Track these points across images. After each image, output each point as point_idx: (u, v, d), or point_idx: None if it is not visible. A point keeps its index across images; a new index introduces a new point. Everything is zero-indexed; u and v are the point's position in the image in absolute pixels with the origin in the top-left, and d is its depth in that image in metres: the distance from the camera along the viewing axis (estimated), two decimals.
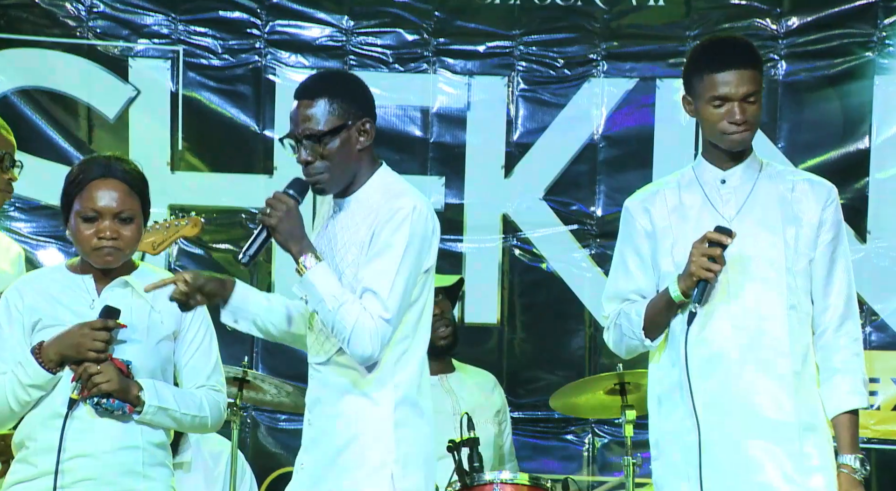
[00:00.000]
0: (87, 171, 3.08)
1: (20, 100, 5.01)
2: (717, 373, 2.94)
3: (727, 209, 3.00)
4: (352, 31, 5.09)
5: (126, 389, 2.99)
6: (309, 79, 3.01)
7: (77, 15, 5.02)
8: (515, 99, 5.10)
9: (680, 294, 2.94)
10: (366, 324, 2.82)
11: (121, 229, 3.04)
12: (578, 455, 5.04)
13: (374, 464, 2.87)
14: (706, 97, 2.98)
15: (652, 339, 3.00)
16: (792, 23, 5.06)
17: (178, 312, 3.06)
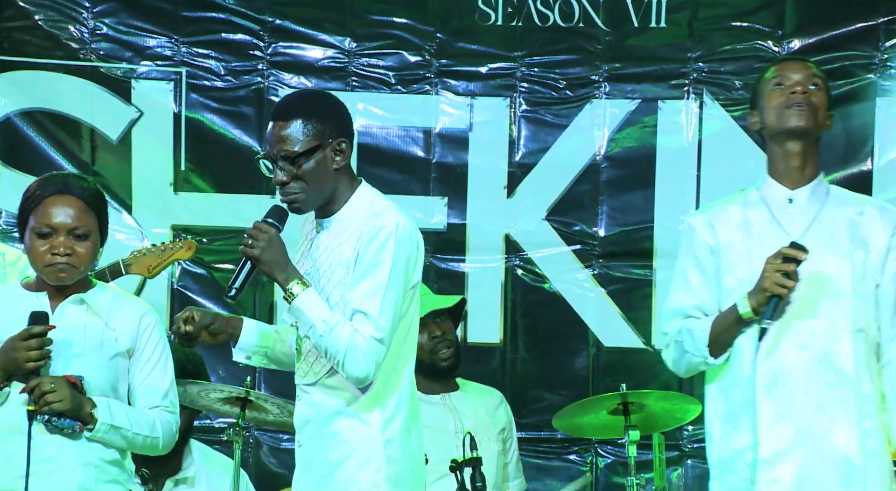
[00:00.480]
0: (43, 188, 3.07)
1: (23, 121, 5.03)
2: (782, 393, 2.91)
3: (794, 228, 2.97)
4: (354, 53, 5.11)
5: (78, 406, 2.97)
6: (284, 99, 3.03)
7: (80, 37, 5.05)
8: (518, 120, 5.12)
9: (750, 311, 2.91)
10: (359, 345, 2.82)
11: (75, 246, 3.02)
12: (581, 475, 5.02)
13: (365, 484, 2.87)
14: (769, 85, 2.99)
15: (716, 356, 2.96)
16: (794, 45, 5.08)
17: (134, 330, 3.06)
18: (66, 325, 3.04)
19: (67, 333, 3.03)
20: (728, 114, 5.10)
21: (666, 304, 3.07)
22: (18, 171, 4.99)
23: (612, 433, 4.32)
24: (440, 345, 4.33)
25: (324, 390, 2.90)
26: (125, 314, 3.09)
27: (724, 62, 5.10)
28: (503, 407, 4.52)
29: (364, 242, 2.87)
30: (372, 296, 2.84)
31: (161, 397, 3.09)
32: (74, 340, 3.03)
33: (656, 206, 5.07)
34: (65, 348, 3.02)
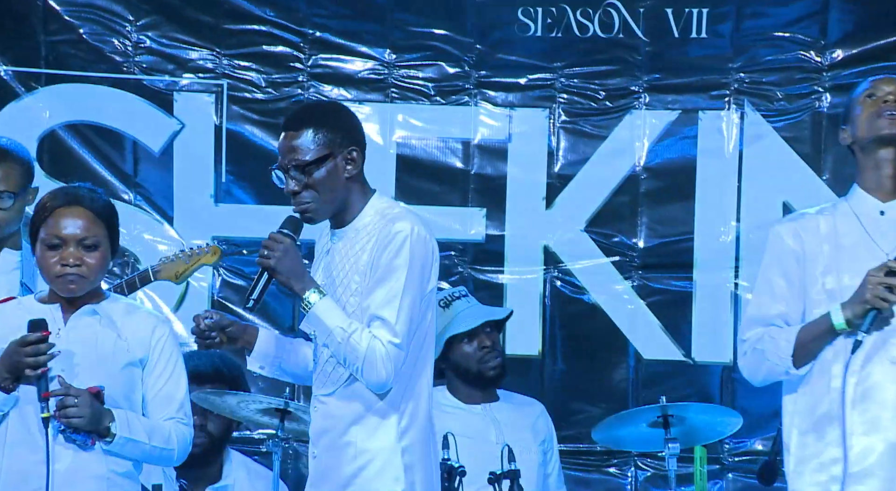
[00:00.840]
0: (53, 200, 3.09)
1: (68, 134, 5.08)
2: (872, 407, 2.88)
3: (886, 242, 2.94)
4: (393, 64, 5.12)
5: (97, 421, 2.97)
6: (296, 110, 3.07)
7: (123, 50, 5.10)
8: (557, 131, 5.11)
9: (844, 322, 2.87)
10: (377, 351, 2.82)
11: (85, 257, 3.02)
12: (621, 488, 5.00)
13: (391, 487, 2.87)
14: (860, 99, 2.99)
15: (799, 367, 2.91)
16: (836, 55, 5.04)
17: (147, 341, 3.06)
18: (79, 336, 3.05)
19: (80, 344, 3.03)
20: (770, 125, 5.06)
21: (747, 310, 3.02)
22: (63, 182, 5.04)
23: (652, 446, 4.29)
24: (490, 355, 4.35)
25: (341, 400, 2.90)
26: (138, 325, 3.09)
27: (766, 73, 5.07)
28: (543, 418, 4.51)
29: (379, 248, 2.87)
30: (389, 301, 2.85)
31: (176, 409, 3.09)
32: (87, 351, 3.04)
33: (697, 218, 5.04)
34: (77, 359, 3.02)
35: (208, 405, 3.98)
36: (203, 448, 4.12)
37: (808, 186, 4.98)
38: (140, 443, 3.01)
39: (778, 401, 3.39)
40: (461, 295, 4.44)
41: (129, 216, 5.03)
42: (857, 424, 2.87)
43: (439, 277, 5.02)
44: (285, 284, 2.88)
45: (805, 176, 5.01)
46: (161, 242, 4.98)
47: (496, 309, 4.50)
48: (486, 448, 4.16)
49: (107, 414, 2.99)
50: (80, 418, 2.95)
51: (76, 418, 2.96)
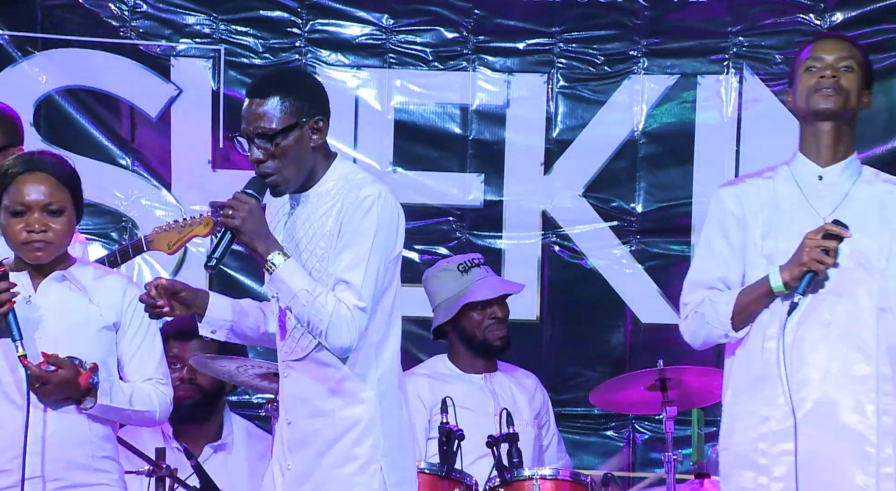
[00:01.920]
0: (14, 166, 3.06)
1: (64, 99, 5.07)
2: (802, 368, 2.91)
3: (822, 206, 2.96)
4: (391, 30, 5.10)
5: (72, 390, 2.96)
6: (261, 76, 3.02)
7: (120, 15, 5.08)
8: (555, 96, 5.10)
9: (782, 284, 2.89)
10: (342, 315, 2.80)
11: (50, 222, 3.01)
12: (619, 451, 5.03)
13: (363, 460, 2.86)
14: (803, 66, 2.99)
15: (737, 330, 2.94)
16: (836, 18, 5.02)
17: (119, 304, 3.06)
18: (50, 302, 3.05)
19: (52, 311, 3.03)
20: (768, 89, 5.05)
21: (688, 274, 3.05)
22: (60, 148, 5.04)
23: (650, 409, 4.31)
24: (498, 324, 4.37)
25: (313, 366, 2.88)
26: (108, 289, 3.09)
27: (764, 36, 5.06)
28: (540, 391, 4.53)
29: (347, 213, 2.84)
30: (355, 265, 2.82)
31: (154, 369, 3.10)
32: (60, 317, 3.04)
33: (695, 183, 5.04)
34: (50, 325, 3.03)
35: (206, 370, 4.00)
36: (194, 401, 4.16)
37: None
38: (121, 409, 3.03)
39: None
40: (479, 262, 4.46)
41: (126, 181, 5.03)
42: (788, 385, 2.89)
43: (437, 242, 5.12)
44: (248, 245, 2.83)
45: None
46: (159, 208, 4.98)
47: (513, 283, 4.51)
48: (484, 419, 4.18)
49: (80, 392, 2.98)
50: (47, 393, 2.96)
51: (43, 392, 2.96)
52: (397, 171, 5.07)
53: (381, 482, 2.85)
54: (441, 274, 4.46)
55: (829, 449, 2.90)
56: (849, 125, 3.03)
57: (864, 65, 3.02)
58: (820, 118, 2.99)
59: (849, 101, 2.98)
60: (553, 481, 3.86)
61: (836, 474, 2.89)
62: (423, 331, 4.85)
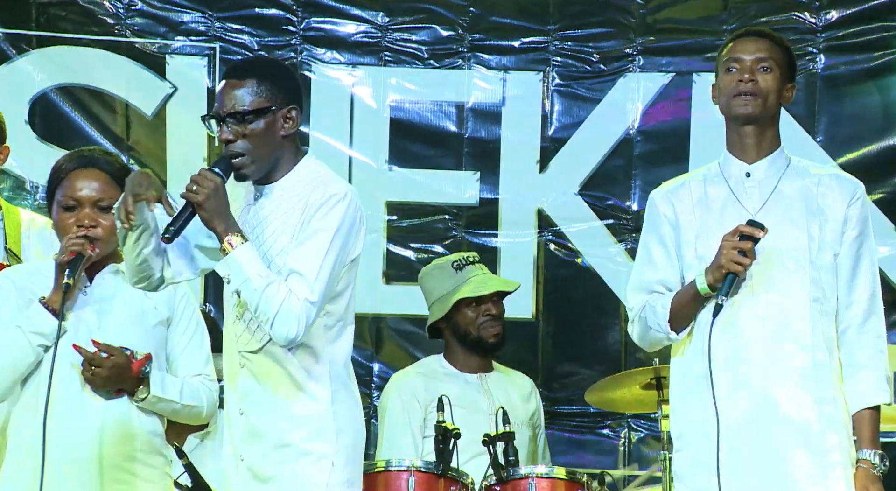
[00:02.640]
0: (68, 162, 3.12)
1: (59, 97, 5.07)
2: (740, 365, 2.94)
3: (751, 203, 2.99)
4: (387, 27, 5.10)
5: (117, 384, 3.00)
6: (240, 61, 3.01)
7: (115, 13, 5.07)
8: (551, 94, 5.10)
9: (707, 287, 2.93)
10: (292, 305, 2.78)
11: (100, 218, 3.05)
12: (614, 449, 5.03)
13: (316, 456, 2.87)
14: (723, 67, 3.01)
15: (677, 332, 2.99)
16: (831, 16, 5.03)
17: (171, 299, 3.09)
18: (106, 294, 3.09)
19: (107, 303, 3.07)
20: None
21: (630, 279, 3.09)
22: (54, 145, 5.04)
23: (645, 407, 4.32)
24: (493, 322, 4.37)
25: (269, 358, 2.87)
26: None
27: None
28: (534, 394, 4.53)
29: (311, 210, 2.84)
30: (311, 258, 2.81)
31: (203, 365, 3.14)
32: (115, 309, 3.08)
33: None
34: (106, 317, 3.06)
35: None
36: None
37: (802, 148, 4.97)
38: (172, 402, 3.05)
39: None
40: (474, 260, 4.45)
41: None
42: (727, 383, 2.91)
43: (433, 241, 5.12)
44: (208, 223, 2.80)
45: (799, 138, 5.00)
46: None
47: (508, 281, 4.51)
48: (479, 418, 4.18)
49: (132, 380, 3.02)
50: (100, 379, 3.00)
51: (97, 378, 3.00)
52: (393, 169, 5.07)
53: (332, 478, 2.86)
54: (435, 271, 4.46)
55: (776, 441, 2.91)
56: (772, 122, 3.05)
57: (785, 61, 3.03)
58: (740, 122, 3.02)
59: (767, 103, 3.00)
60: (549, 480, 3.85)
61: (785, 466, 2.90)
62: (419, 329, 4.85)
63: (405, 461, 3.84)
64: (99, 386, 3.02)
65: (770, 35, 3.05)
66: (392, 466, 3.78)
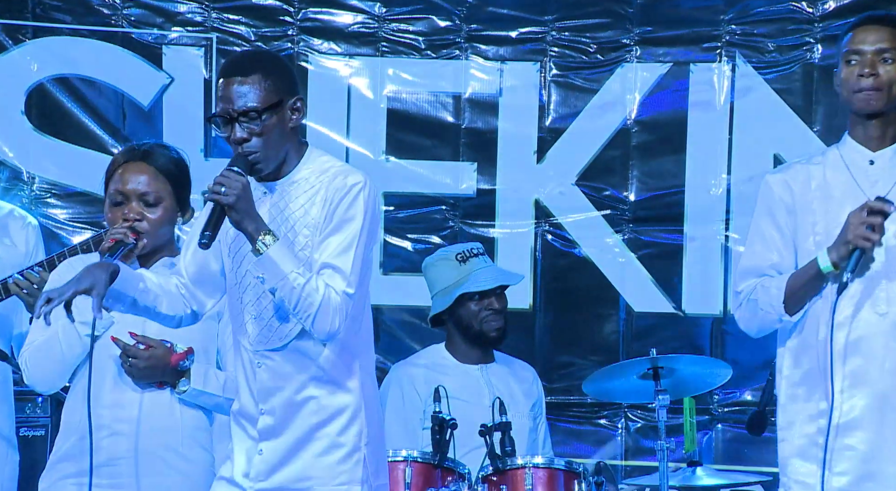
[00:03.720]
0: (121, 155, 3.16)
1: (56, 87, 5.06)
2: (858, 360, 2.90)
3: (875, 191, 2.93)
4: (384, 18, 5.09)
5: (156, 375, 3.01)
6: (239, 57, 3.00)
7: (111, 3, 5.06)
8: (548, 84, 5.09)
9: (830, 264, 2.86)
10: (332, 299, 2.78)
11: (146, 212, 3.07)
12: (611, 440, 5.04)
13: (348, 449, 2.87)
14: (843, 57, 2.95)
15: (791, 314, 2.92)
16: (828, 6, 5.02)
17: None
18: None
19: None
20: (761, 77, 5.05)
21: (740, 262, 3.02)
22: (50, 136, 5.03)
23: (642, 398, 4.31)
24: (495, 316, 4.35)
25: (295, 354, 2.86)
26: None
27: (757, 24, 5.05)
28: (537, 383, 4.51)
29: (333, 200, 2.83)
30: (344, 251, 2.81)
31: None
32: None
33: (687, 171, 5.05)
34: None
35: None
36: None
37: (800, 138, 4.98)
38: (214, 395, 3.06)
39: (767, 352, 3.41)
40: (478, 252, 4.42)
41: None
42: (844, 377, 2.88)
43: (430, 231, 5.11)
44: (238, 224, 2.77)
45: (796, 128, 5.00)
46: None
47: (511, 274, 4.49)
48: (479, 410, 4.17)
49: (172, 372, 3.03)
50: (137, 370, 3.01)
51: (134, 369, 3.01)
52: (390, 160, 5.07)
53: (363, 470, 2.86)
54: (439, 263, 4.45)
55: (888, 444, 2.88)
56: (894, 112, 2.99)
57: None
58: (863, 116, 2.98)
59: (891, 95, 2.94)
60: (546, 470, 3.85)
61: (889, 466, 2.86)
62: (416, 320, 4.85)
63: (402, 452, 3.84)
64: (137, 377, 3.02)
65: (892, 22, 2.97)
66: (389, 457, 3.78)
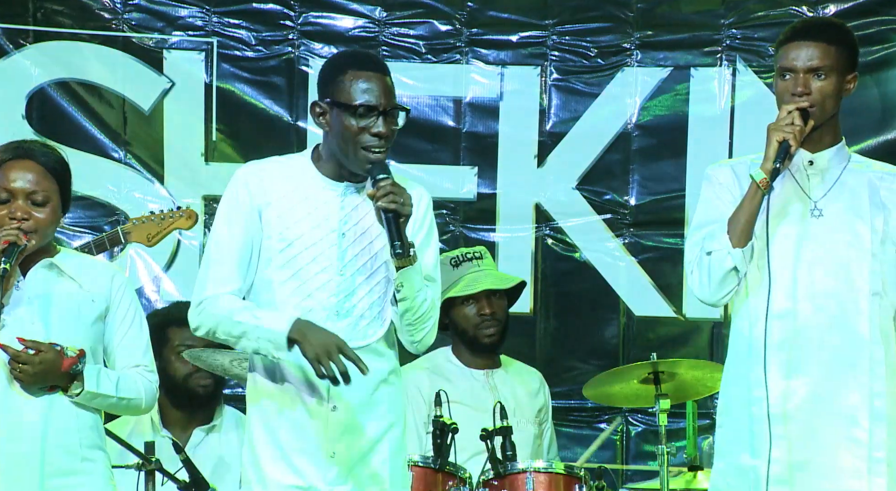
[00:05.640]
0: (3, 153, 3.06)
1: (56, 92, 5.06)
2: (794, 351, 2.92)
3: (814, 190, 2.97)
4: (384, 22, 5.10)
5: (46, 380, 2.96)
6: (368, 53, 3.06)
7: (112, 7, 5.07)
8: (548, 88, 5.10)
9: (761, 171, 2.87)
10: (436, 310, 2.92)
11: (34, 211, 3.00)
12: (612, 444, 5.03)
13: (407, 451, 2.97)
14: (777, 71, 2.98)
15: (738, 244, 2.89)
16: (829, 10, 5.03)
17: (107, 290, 3.05)
18: (40, 289, 3.03)
19: (42, 298, 3.02)
20: (761, 81, 5.05)
21: (687, 236, 3.05)
22: (52, 140, 5.03)
23: (643, 402, 4.31)
24: (487, 322, 4.32)
25: (372, 355, 2.91)
26: (96, 276, 3.08)
27: (757, 28, 5.06)
28: (543, 389, 4.50)
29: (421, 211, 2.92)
30: (436, 265, 2.94)
31: (141, 356, 3.08)
32: (51, 305, 3.02)
33: (688, 175, 5.05)
34: (42, 313, 3.01)
35: (200, 364, 3.99)
36: (208, 390, 4.15)
37: None
38: (108, 396, 3.02)
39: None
40: (475, 256, 4.40)
41: (118, 174, 5.02)
42: (780, 367, 2.91)
43: None
44: (403, 230, 2.84)
45: None
46: (152, 201, 4.97)
47: (503, 277, 4.45)
48: (485, 416, 4.15)
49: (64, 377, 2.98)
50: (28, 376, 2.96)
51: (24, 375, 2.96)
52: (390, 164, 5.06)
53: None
54: None
55: (823, 432, 2.91)
56: (831, 119, 3.03)
57: (841, 59, 2.98)
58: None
59: (825, 109, 2.97)
60: (547, 474, 3.85)
61: (828, 458, 2.90)
62: None
63: None
64: (28, 383, 2.96)
65: (822, 34, 2.97)
66: None
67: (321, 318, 2.90)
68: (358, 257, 2.92)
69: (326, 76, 3.00)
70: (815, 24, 3.05)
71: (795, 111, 2.89)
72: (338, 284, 2.90)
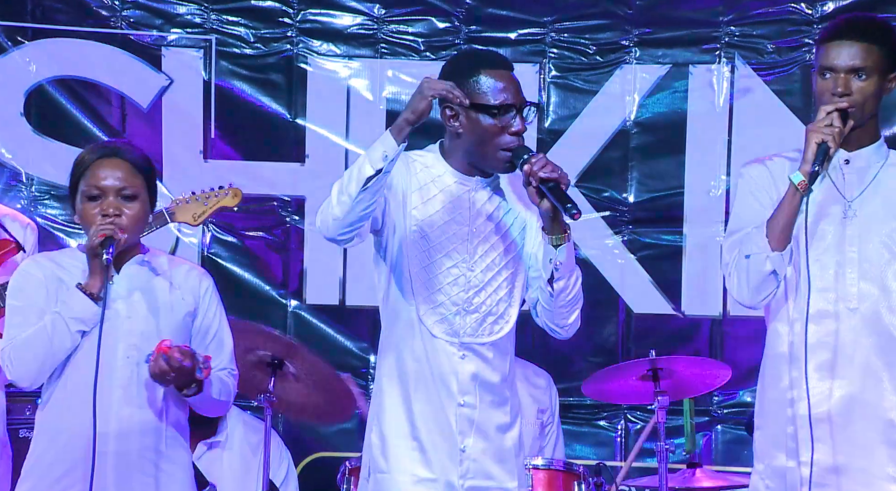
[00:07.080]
0: (91, 153, 3.11)
1: (55, 89, 5.06)
2: (829, 353, 2.91)
3: (849, 190, 2.96)
4: (383, 20, 5.10)
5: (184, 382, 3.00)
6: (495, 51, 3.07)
7: (110, 5, 5.06)
8: (547, 86, 5.10)
9: (800, 174, 2.86)
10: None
11: (124, 207, 3.04)
12: (611, 441, 5.04)
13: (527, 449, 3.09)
14: (818, 70, 2.96)
15: (778, 248, 2.88)
16: (827, 7, 5.03)
17: (196, 291, 3.09)
18: (134, 285, 3.06)
19: (138, 293, 3.05)
20: (760, 78, 5.05)
21: (724, 242, 3.02)
22: (50, 138, 5.03)
23: (642, 399, 4.32)
24: None
25: (498, 352, 2.94)
26: (185, 275, 3.12)
27: (756, 26, 5.06)
28: (549, 390, 4.49)
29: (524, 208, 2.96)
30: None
31: (228, 359, 3.12)
32: (146, 300, 3.05)
33: (686, 172, 5.05)
34: (137, 307, 3.04)
35: None
36: None
37: (799, 139, 4.95)
38: (208, 398, 3.06)
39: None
40: None
41: None
42: (815, 370, 2.90)
43: None
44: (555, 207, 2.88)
45: (795, 129, 5.00)
46: None
47: None
48: None
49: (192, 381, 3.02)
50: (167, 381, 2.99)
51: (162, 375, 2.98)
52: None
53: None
54: None
55: (861, 435, 2.90)
56: (871, 119, 3.00)
57: (883, 59, 2.94)
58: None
59: (865, 109, 2.95)
60: (546, 471, 3.86)
61: (867, 461, 2.89)
62: None
63: None
64: (159, 381, 2.99)
65: (867, 33, 2.94)
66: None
67: (450, 313, 2.91)
68: (487, 254, 2.94)
69: (456, 79, 2.99)
70: (858, 22, 2.97)
71: (835, 112, 2.87)
72: (468, 279, 2.91)
